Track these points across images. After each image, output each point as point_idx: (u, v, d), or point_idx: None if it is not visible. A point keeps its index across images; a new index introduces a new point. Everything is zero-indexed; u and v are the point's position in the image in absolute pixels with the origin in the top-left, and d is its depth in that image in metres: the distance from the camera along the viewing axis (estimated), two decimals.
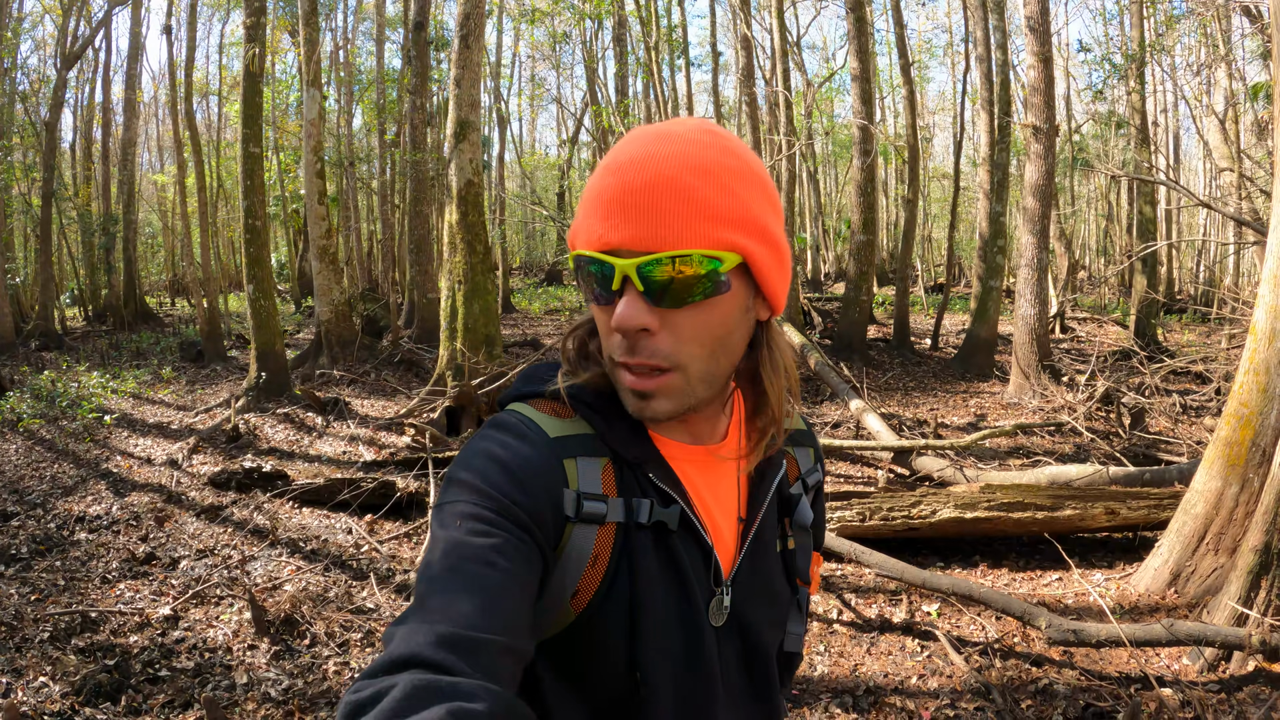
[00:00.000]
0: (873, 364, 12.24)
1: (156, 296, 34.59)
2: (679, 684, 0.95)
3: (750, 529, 1.02)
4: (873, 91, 12.92)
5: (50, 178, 19.48)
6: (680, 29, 18.74)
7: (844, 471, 7.39)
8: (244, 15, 11.13)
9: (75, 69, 23.46)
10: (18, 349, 18.10)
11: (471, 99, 10.46)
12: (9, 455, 9.22)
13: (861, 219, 12.60)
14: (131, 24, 20.34)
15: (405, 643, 0.73)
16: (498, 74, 25.99)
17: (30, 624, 5.00)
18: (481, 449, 0.92)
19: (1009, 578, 4.91)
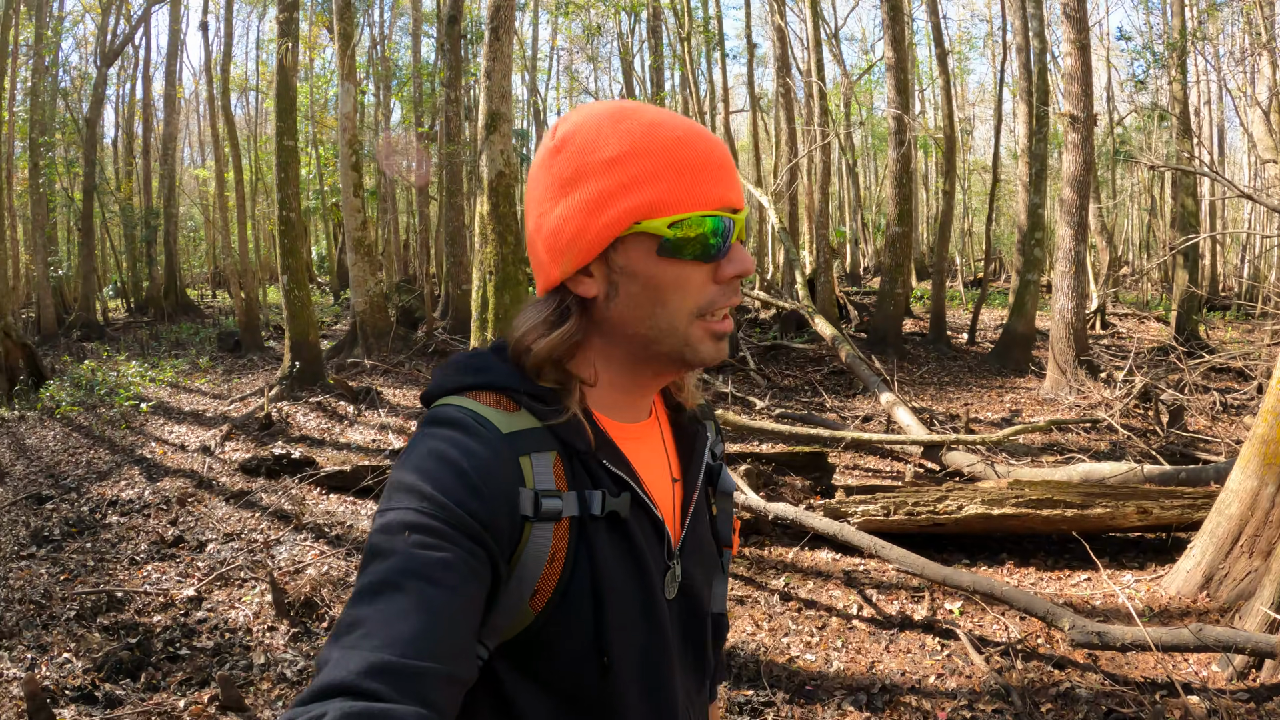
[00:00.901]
0: (908, 358, 12.08)
1: (198, 288, 35.26)
2: (642, 661, 0.94)
3: (691, 498, 1.04)
4: (908, 81, 12.71)
5: (91, 173, 19.87)
6: (716, 21, 18.59)
7: (873, 465, 7.29)
8: (277, 11, 11.23)
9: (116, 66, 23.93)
10: (60, 339, 18.53)
11: (502, 91, 10.42)
12: (47, 441, 9.43)
13: (897, 211, 12.43)
14: (170, 21, 20.66)
15: (337, 670, 0.70)
16: (534, 68, 25.99)
17: (58, 602, 5.11)
18: (430, 449, 0.86)
19: (1036, 577, 4.78)
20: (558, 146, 0.95)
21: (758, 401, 9.09)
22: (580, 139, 0.94)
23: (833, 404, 9.48)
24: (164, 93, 21.79)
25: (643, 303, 0.93)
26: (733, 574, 5.09)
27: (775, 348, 12.23)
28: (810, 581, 4.97)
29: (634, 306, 0.94)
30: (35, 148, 18.60)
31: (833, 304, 13.51)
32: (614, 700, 0.92)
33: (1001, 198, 27.78)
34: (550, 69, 33.12)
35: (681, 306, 0.93)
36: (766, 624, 4.45)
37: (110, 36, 21.43)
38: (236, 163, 17.29)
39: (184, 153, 37.42)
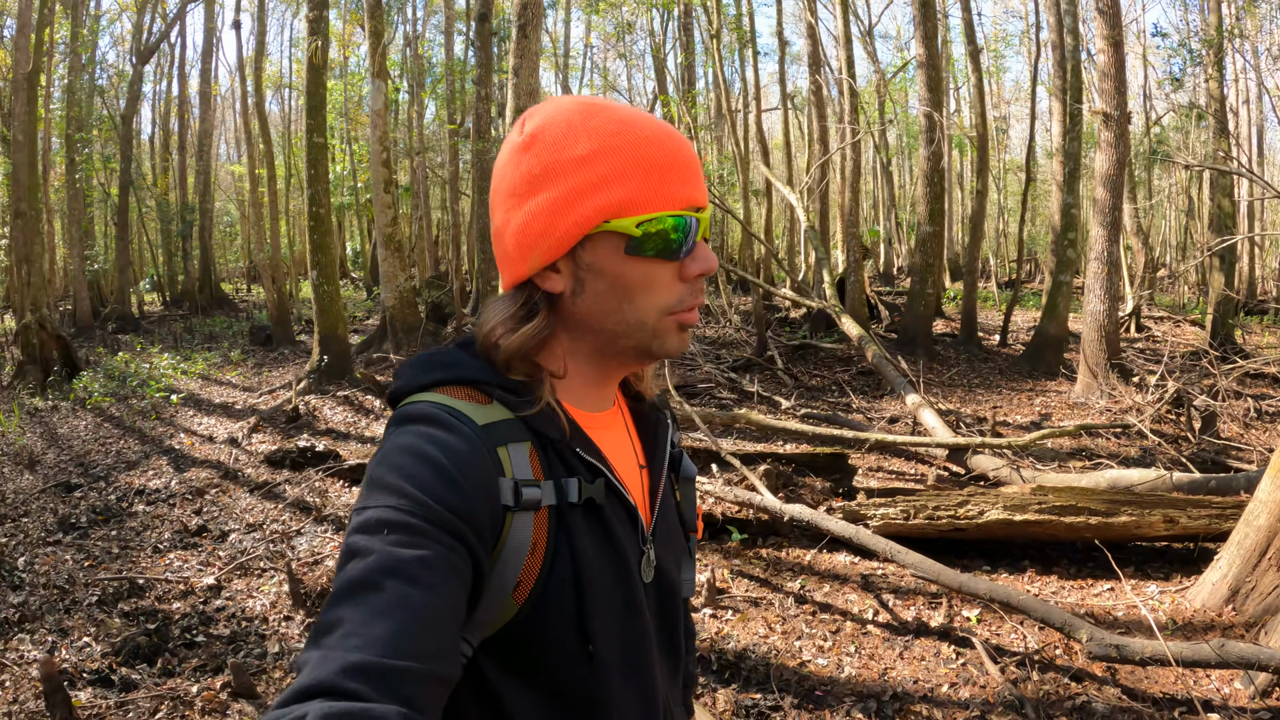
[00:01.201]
0: (938, 359, 11.93)
1: (233, 282, 35.76)
2: (623, 647, 0.96)
3: (659, 483, 1.06)
4: (940, 79, 12.54)
5: (127, 169, 20.20)
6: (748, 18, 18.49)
7: (897, 468, 7.20)
8: (308, 9, 11.32)
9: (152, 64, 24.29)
10: (95, 331, 18.87)
11: (530, 88, 10.41)
12: (78, 431, 9.59)
13: (928, 210, 12.27)
14: (205, 19, 21.00)
15: (316, 671, 0.69)
16: (566, 65, 26.01)
17: (81, 588, 5.19)
18: (406, 444, 0.85)
19: (1058, 585, 4.67)
20: (527, 143, 0.95)
21: (784, 401, 9.03)
22: (550, 135, 0.94)
23: (860, 405, 9.39)
24: (199, 90, 22.11)
25: (609, 299, 0.95)
26: (749, 575, 5.05)
27: (804, 347, 12.15)
28: (827, 584, 4.91)
29: (600, 302, 0.95)
30: (71, 144, 18.97)
31: (863, 304, 13.39)
32: (599, 687, 0.92)
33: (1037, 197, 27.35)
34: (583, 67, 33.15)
35: (650, 304, 0.95)
36: (779, 627, 4.40)
37: (146, 35, 21.77)
38: (269, 159, 17.50)
39: (220, 149, 37.91)
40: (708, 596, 4.68)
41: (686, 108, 18.81)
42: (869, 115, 17.88)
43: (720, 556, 5.35)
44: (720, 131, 24.08)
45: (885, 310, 15.08)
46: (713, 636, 4.34)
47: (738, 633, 4.36)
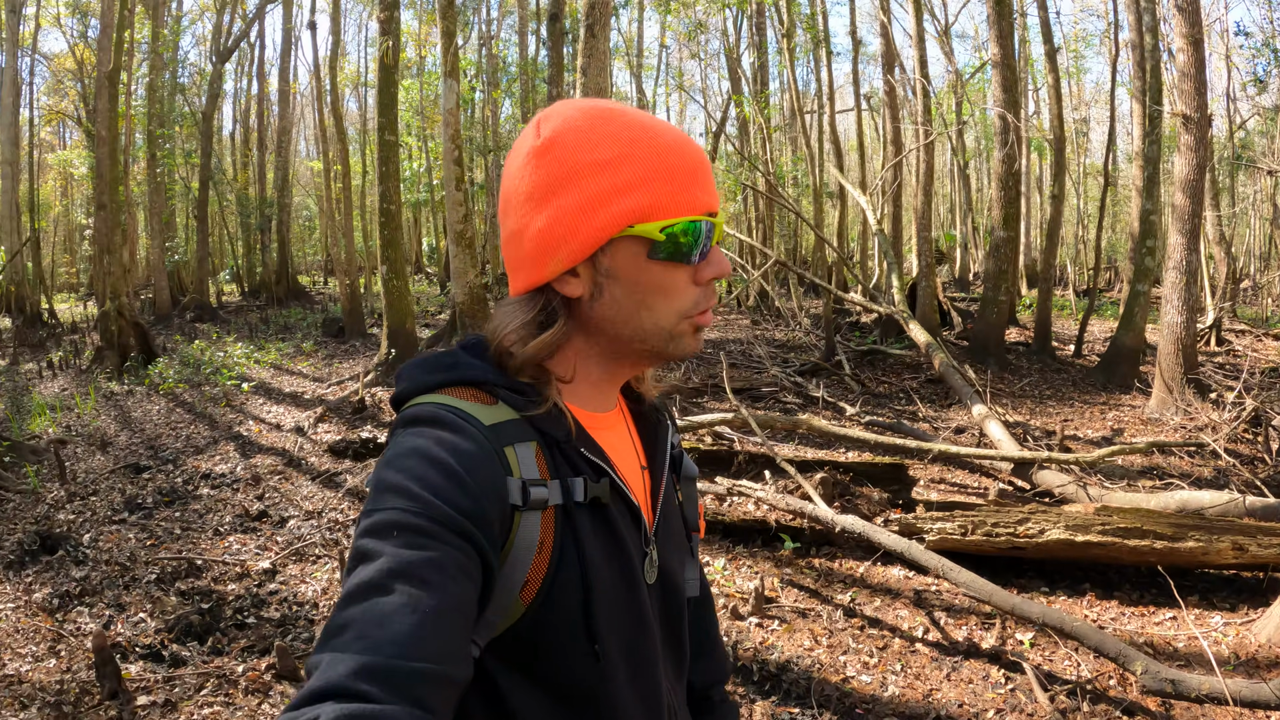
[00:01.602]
0: (1009, 369, 11.57)
1: (311, 275, 36.80)
2: (628, 647, 0.96)
3: (660, 483, 1.06)
4: (1015, 79, 12.13)
5: (207, 164, 20.91)
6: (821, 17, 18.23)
7: (960, 480, 6.99)
8: (379, 9, 11.53)
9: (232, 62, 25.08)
10: (173, 320, 19.57)
11: (598, 87, 10.41)
12: (151, 415, 9.92)
13: (1003, 214, 11.90)
14: (284, 20, 21.54)
15: (328, 673, 0.69)
16: (639, 66, 26.01)
17: (141, 566, 5.36)
18: (413, 446, 0.85)
19: (1118, 611, 4.44)
20: (545, 146, 0.95)
21: (848, 407, 8.85)
22: (569, 139, 0.94)
23: (926, 413, 9.16)
24: (278, 88, 22.73)
25: (627, 304, 0.95)
26: (799, 585, 4.95)
27: (872, 353, 11.92)
28: (878, 599, 4.78)
29: (618, 307, 0.96)
30: (153, 140, 19.70)
31: (934, 309, 13.06)
32: (604, 687, 0.93)
33: (1117, 203, 26.36)
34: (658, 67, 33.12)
35: (669, 308, 0.96)
36: (825, 640, 4.29)
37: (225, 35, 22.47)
38: (344, 156, 17.90)
39: (300, 145, 38.97)
40: (755, 605, 4.60)
41: (759, 108, 18.65)
42: (945, 117, 17.45)
43: (771, 564, 5.26)
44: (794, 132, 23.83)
45: (958, 317, 14.71)
46: (756, 646, 4.25)
47: (782, 644, 4.27)
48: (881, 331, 12.96)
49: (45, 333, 19.55)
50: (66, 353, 15.20)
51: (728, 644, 4.26)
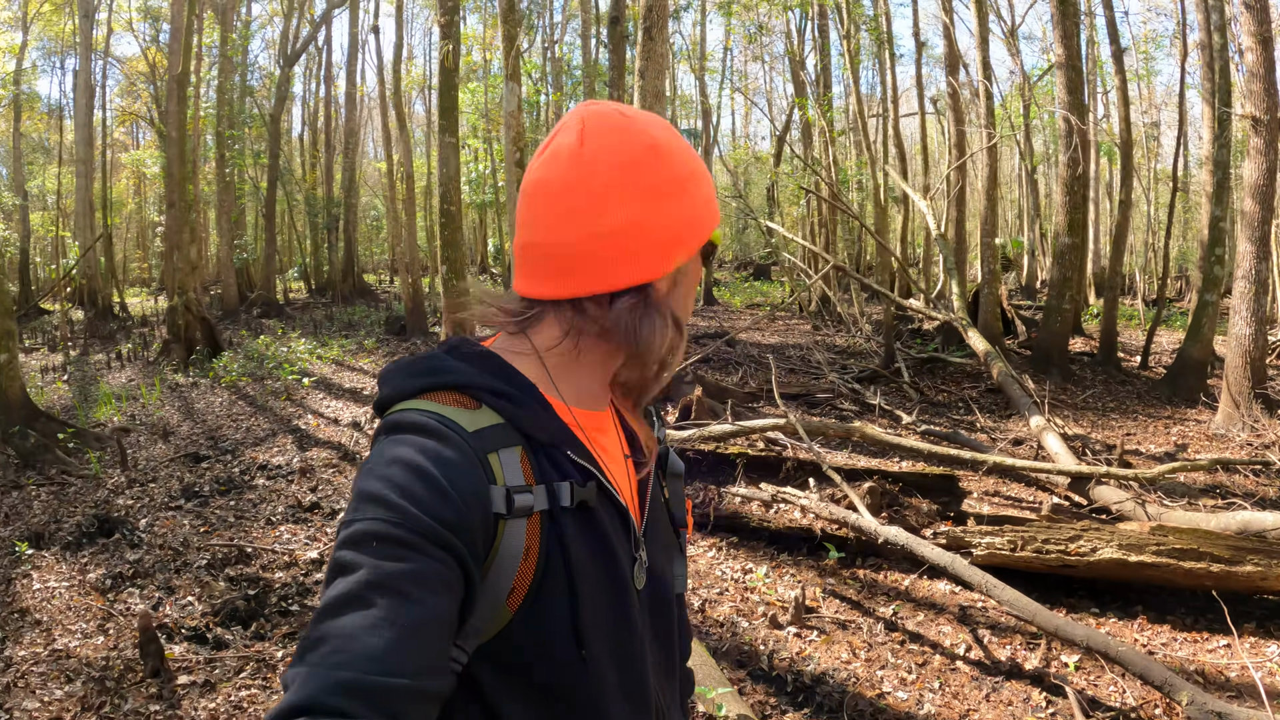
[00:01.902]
0: (1072, 379, 11.22)
1: (378, 274, 37.60)
2: (616, 651, 0.95)
3: (648, 484, 1.06)
4: (1080, 80, 11.77)
5: (275, 164, 21.51)
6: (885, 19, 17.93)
7: (1015, 494, 6.80)
8: (439, 13, 11.68)
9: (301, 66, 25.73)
10: (240, 315, 20.13)
11: (655, 90, 10.42)
12: (214, 407, 10.20)
13: (1067, 220, 11.55)
14: (350, 25, 22.00)
15: (304, 689, 0.69)
16: (702, 68, 25.91)
17: (193, 551, 5.51)
18: (394, 455, 0.84)
19: (1169, 636, 4.24)
20: (654, 146, 0.95)
21: (905, 416, 8.70)
22: (667, 148, 0.97)
23: (985, 424, 8.93)
24: (345, 91, 23.22)
25: (689, 297, 1.04)
26: (841, 596, 4.87)
27: (932, 360, 11.68)
28: (921, 613, 4.67)
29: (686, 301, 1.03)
30: (222, 140, 20.29)
31: (996, 317, 12.74)
32: (592, 692, 0.92)
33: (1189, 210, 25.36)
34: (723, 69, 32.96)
35: (689, 305, 1.05)
36: (864, 653, 4.21)
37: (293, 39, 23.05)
38: (407, 158, 18.20)
39: (368, 146, 39.77)
40: (794, 614, 4.53)
41: (821, 111, 18.44)
42: (1013, 120, 17.02)
43: (815, 573, 5.18)
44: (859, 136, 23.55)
45: (1022, 325, 14.32)
46: (793, 656, 4.19)
47: (820, 655, 4.20)
48: (943, 339, 12.70)
49: (116, 325, 20.31)
50: (135, 345, 15.75)
51: (764, 652, 4.20)
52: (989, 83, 12.47)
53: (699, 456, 6.87)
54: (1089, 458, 7.40)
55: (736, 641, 4.35)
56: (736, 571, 5.23)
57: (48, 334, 18.49)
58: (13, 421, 7.57)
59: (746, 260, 37.99)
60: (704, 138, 25.58)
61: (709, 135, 25.96)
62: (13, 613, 4.66)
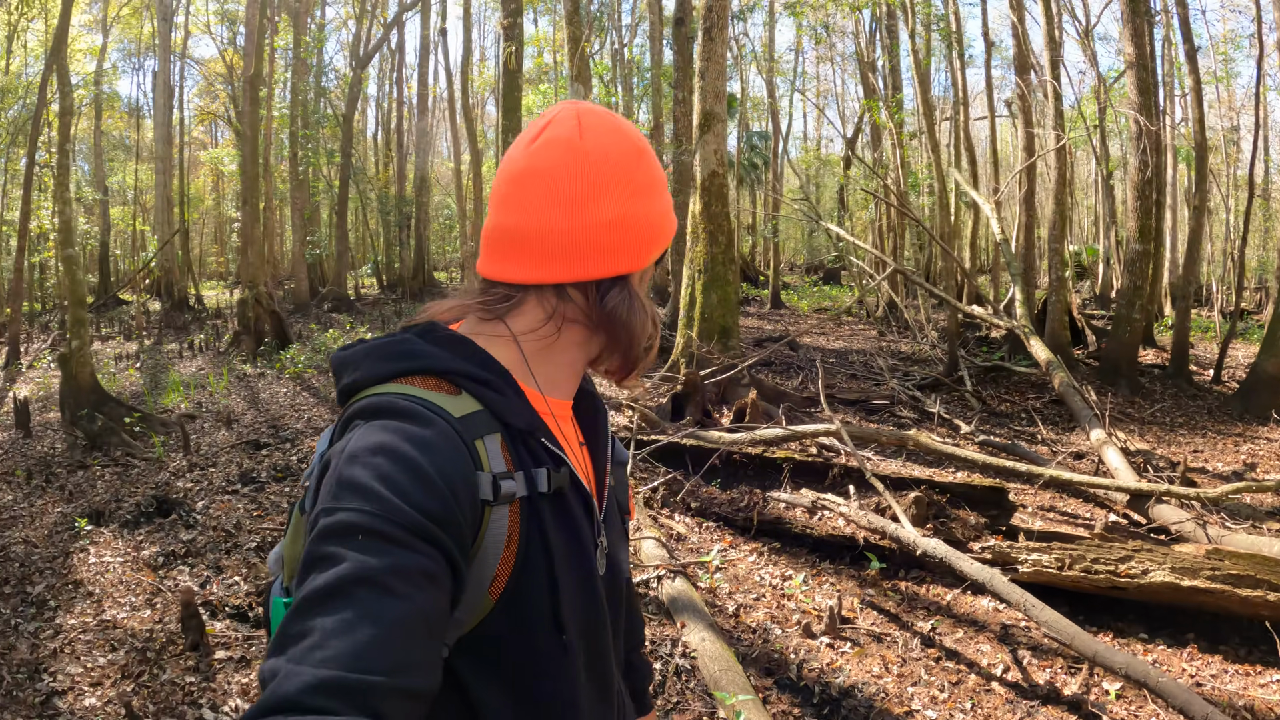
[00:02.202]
0: (1141, 392, 10.82)
1: (450, 272, 38.30)
2: (586, 634, 0.96)
3: (604, 470, 1.08)
4: (1152, 81, 11.32)
5: (347, 163, 22.09)
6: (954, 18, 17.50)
7: (1073, 509, 6.58)
8: (502, 15, 11.82)
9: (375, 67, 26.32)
10: (311, 309, 20.70)
11: (716, 90, 10.45)
12: (278, 397, 10.48)
13: (1138, 225, 11.11)
14: (421, 27, 22.48)
15: (284, 685, 0.67)
16: (771, 69, 25.69)
17: (245, 534, 5.69)
18: (379, 442, 0.82)
19: (1219, 667, 4.02)
20: (643, 149, 1.00)
21: (963, 425, 8.49)
22: (650, 153, 1.01)
23: (1047, 436, 8.67)
24: (417, 92, 23.66)
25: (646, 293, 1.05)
26: (879, 607, 4.77)
27: (997, 369, 11.39)
28: (960, 630, 4.54)
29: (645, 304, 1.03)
30: (295, 139, 20.86)
31: (1064, 326, 12.35)
32: (570, 677, 0.93)
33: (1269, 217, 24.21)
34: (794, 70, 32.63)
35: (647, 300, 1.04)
36: (896, 668, 4.11)
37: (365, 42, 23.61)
38: (475, 157, 18.47)
39: (441, 146, 40.45)
40: (828, 624, 4.45)
41: (890, 114, 18.14)
42: (1088, 122, 16.49)
43: (855, 584, 5.09)
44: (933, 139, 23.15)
45: (1092, 335, 13.86)
46: (823, 667, 4.12)
47: (850, 667, 4.12)
48: (1010, 348, 12.37)
49: (190, 316, 21.09)
50: (208, 335, 16.31)
51: (794, 662, 4.14)
52: (1057, 84, 12.08)
53: (746, 460, 6.81)
54: (1150, 474, 7.12)
55: (767, 649, 4.29)
56: (775, 578, 5.17)
57: (124, 323, 19.28)
58: (82, 405, 7.90)
59: (815, 264, 37.63)
60: (773, 140, 25.39)
61: (778, 137, 25.74)
62: (67, 584, 4.90)
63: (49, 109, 13.33)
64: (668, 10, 23.08)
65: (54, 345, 14.86)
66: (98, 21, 23.86)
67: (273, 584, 1.03)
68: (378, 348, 0.95)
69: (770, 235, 23.95)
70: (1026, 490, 6.72)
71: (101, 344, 15.99)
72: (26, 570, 5.13)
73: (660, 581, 4.82)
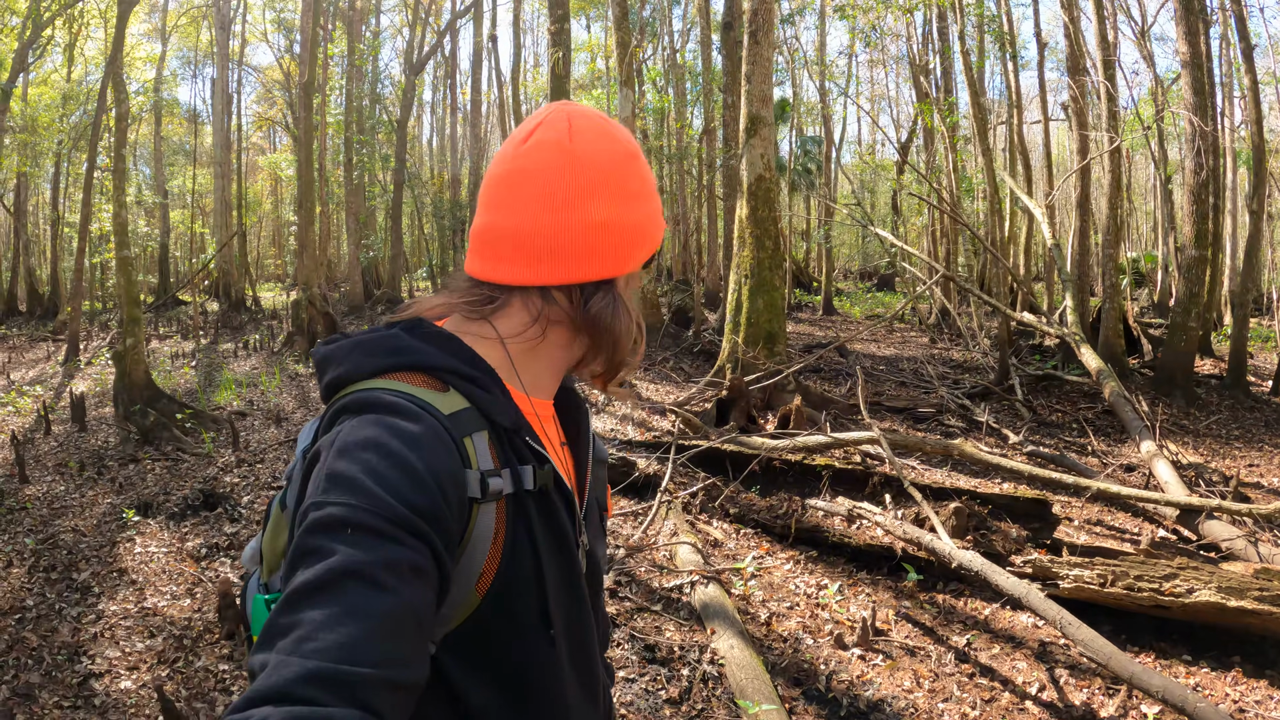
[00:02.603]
0: (1196, 403, 10.49)
1: None
2: (570, 630, 0.97)
3: (585, 470, 1.09)
4: (1207, 81, 10.96)
5: (401, 168, 22.47)
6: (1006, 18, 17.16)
7: (1120, 524, 6.40)
8: (549, 23, 11.89)
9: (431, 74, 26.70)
10: (365, 311, 21.06)
11: (762, 94, 10.40)
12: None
13: (1194, 231, 10.75)
14: (474, 34, 22.71)
15: (272, 677, 0.68)
16: (823, 72, 25.52)
17: None
18: (368, 437, 0.83)
19: (1265, 693, 3.85)
20: (633, 154, 1.00)
21: (1011, 435, 8.33)
22: (640, 158, 1.01)
23: (1098, 447, 8.45)
24: (470, 99, 23.98)
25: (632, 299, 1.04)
26: (914, 620, 4.69)
27: (1049, 378, 11.14)
28: (997, 645, 4.44)
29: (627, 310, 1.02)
30: (350, 145, 21.27)
31: (1119, 334, 12.03)
32: (556, 673, 0.94)
33: None
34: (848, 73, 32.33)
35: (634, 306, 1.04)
36: (928, 683, 4.03)
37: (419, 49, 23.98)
38: None
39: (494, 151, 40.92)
40: (861, 636, 4.40)
41: (942, 116, 17.89)
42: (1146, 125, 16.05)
43: (891, 595, 5.02)
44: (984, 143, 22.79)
45: (1148, 344, 13.47)
46: (852, 679, 4.06)
47: (881, 680, 4.06)
48: (1063, 356, 12.09)
49: (246, 317, 21.63)
50: (263, 336, 16.70)
51: (824, 673, 4.10)
52: (1111, 85, 11.77)
53: (785, 467, 6.76)
54: (1201, 489, 6.89)
55: (797, 658, 4.25)
56: (810, 586, 5.12)
57: (182, 323, 19.83)
58: (135, 400, 8.14)
59: (869, 270, 37.27)
60: (825, 145, 25.19)
61: (830, 142, 25.53)
62: (112, 571, 5.07)
63: (108, 115, 13.75)
64: (717, 15, 23.10)
65: (112, 343, 15.33)
66: (157, 30, 24.62)
67: (249, 580, 1.03)
68: (364, 343, 0.95)
69: (823, 241, 23.76)
70: (1073, 503, 6.56)
71: (159, 342, 16.46)
72: (74, 558, 5.31)
73: (694, 587, 4.81)
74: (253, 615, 0.98)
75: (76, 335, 14.14)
